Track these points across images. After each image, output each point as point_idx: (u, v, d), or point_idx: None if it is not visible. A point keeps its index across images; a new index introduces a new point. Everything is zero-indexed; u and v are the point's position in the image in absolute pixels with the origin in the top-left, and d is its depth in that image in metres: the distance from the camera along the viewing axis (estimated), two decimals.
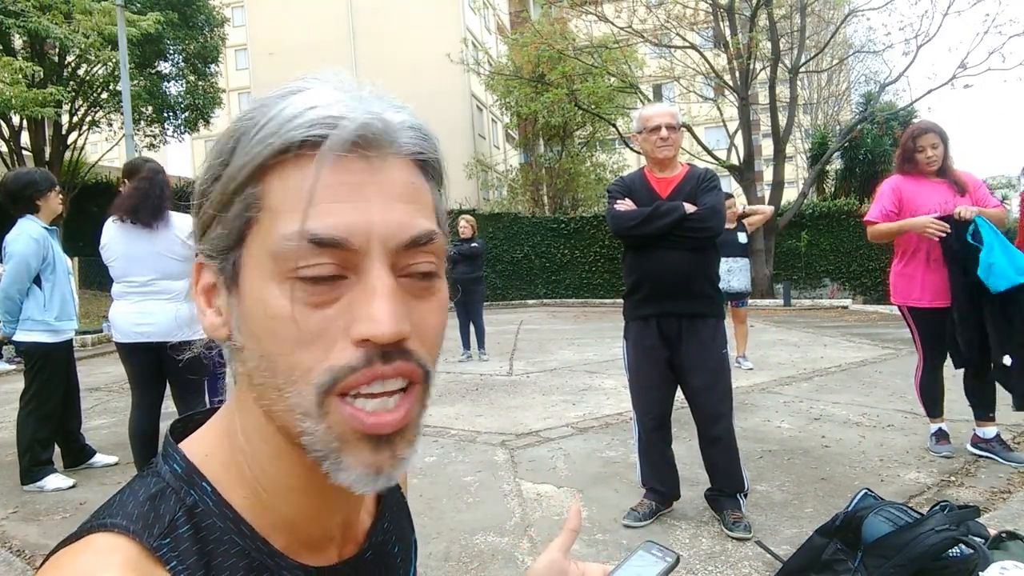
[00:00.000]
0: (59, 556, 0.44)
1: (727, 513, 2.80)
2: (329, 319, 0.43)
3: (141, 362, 3.38)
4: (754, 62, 15.36)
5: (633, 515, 2.94)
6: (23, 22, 11.14)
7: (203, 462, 0.50)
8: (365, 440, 0.45)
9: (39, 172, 3.80)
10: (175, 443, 0.52)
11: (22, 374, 3.94)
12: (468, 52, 21.79)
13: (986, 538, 1.92)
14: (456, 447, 4.19)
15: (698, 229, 2.75)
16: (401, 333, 0.43)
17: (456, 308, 7.99)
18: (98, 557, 0.43)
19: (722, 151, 18.42)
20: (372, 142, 0.44)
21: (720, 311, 2.92)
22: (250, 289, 0.45)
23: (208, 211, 0.47)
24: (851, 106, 25.69)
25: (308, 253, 0.43)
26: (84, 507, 3.35)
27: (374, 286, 0.43)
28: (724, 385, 2.86)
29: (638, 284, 2.92)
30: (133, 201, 3.27)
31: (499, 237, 18.93)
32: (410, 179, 0.47)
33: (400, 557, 0.63)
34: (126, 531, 0.44)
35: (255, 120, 0.45)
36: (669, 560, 0.64)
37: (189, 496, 0.48)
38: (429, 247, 0.46)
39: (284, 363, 0.44)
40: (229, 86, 30.28)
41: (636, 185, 2.95)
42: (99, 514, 0.47)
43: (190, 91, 16.52)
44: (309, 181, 0.43)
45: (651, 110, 2.92)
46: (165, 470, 0.50)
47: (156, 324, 3.29)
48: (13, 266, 3.58)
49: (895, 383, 5.68)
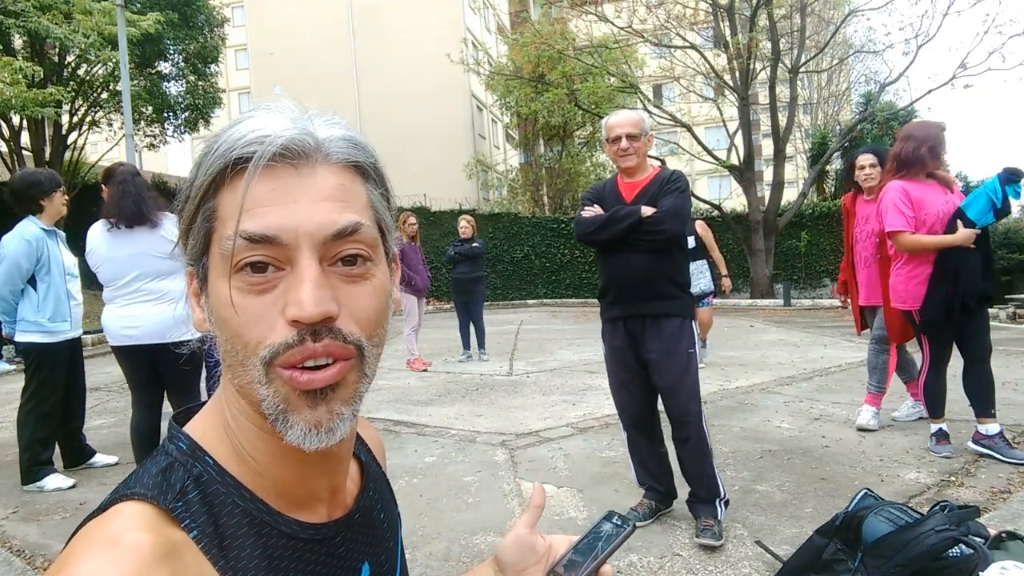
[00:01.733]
0: (88, 526, 0.50)
1: (700, 520, 2.78)
2: (268, 304, 0.52)
3: (136, 364, 3.44)
4: (754, 62, 15.35)
5: (633, 515, 2.93)
6: (23, 22, 11.12)
7: (203, 438, 0.58)
8: (303, 397, 0.52)
9: (45, 173, 3.82)
10: (178, 427, 0.59)
11: (23, 374, 3.94)
12: (468, 52, 21.76)
13: (986, 538, 1.93)
14: (456, 447, 4.19)
15: (654, 231, 2.76)
16: (325, 313, 0.51)
17: (457, 308, 7.99)
18: (123, 520, 0.50)
19: (722, 151, 18.39)
20: (299, 153, 0.52)
21: (686, 311, 2.91)
22: (213, 286, 0.54)
23: (183, 226, 0.56)
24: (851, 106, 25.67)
25: (244, 249, 0.51)
26: (84, 507, 3.35)
27: (302, 274, 0.51)
28: (689, 385, 2.85)
29: (606, 287, 2.97)
30: (113, 205, 3.34)
31: (499, 237, 18.93)
32: (339, 181, 0.54)
33: (386, 523, 0.71)
34: (145, 497, 0.51)
35: (211, 145, 0.54)
36: (626, 528, 0.70)
37: (195, 467, 0.55)
38: (356, 236, 0.54)
39: (239, 343, 0.52)
40: (229, 86, 30.32)
41: (606, 191, 2.98)
42: (118, 490, 0.53)
43: (190, 91, 16.50)
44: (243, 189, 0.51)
45: (613, 119, 2.91)
46: (172, 448, 0.57)
47: (143, 327, 3.34)
48: (5, 267, 3.60)
49: (895, 383, 5.68)
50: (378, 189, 0.58)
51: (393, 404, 5.50)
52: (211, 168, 0.53)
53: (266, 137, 0.51)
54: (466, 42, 23.86)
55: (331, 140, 0.55)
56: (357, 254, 0.54)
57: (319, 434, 0.53)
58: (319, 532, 0.60)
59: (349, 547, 0.63)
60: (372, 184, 0.58)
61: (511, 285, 19.06)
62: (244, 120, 0.54)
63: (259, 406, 0.54)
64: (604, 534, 0.70)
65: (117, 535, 0.48)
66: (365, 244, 0.54)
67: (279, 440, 0.54)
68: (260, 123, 0.53)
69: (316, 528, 0.60)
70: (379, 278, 0.56)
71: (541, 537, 0.71)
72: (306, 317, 0.50)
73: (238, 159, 0.52)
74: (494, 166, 29.61)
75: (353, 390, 0.55)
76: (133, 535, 0.48)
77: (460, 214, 8.40)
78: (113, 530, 0.49)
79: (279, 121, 0.53)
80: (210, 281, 0.55)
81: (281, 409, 0.53)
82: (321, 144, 0.54)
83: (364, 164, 0.57)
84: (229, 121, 0.56)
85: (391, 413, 5.14)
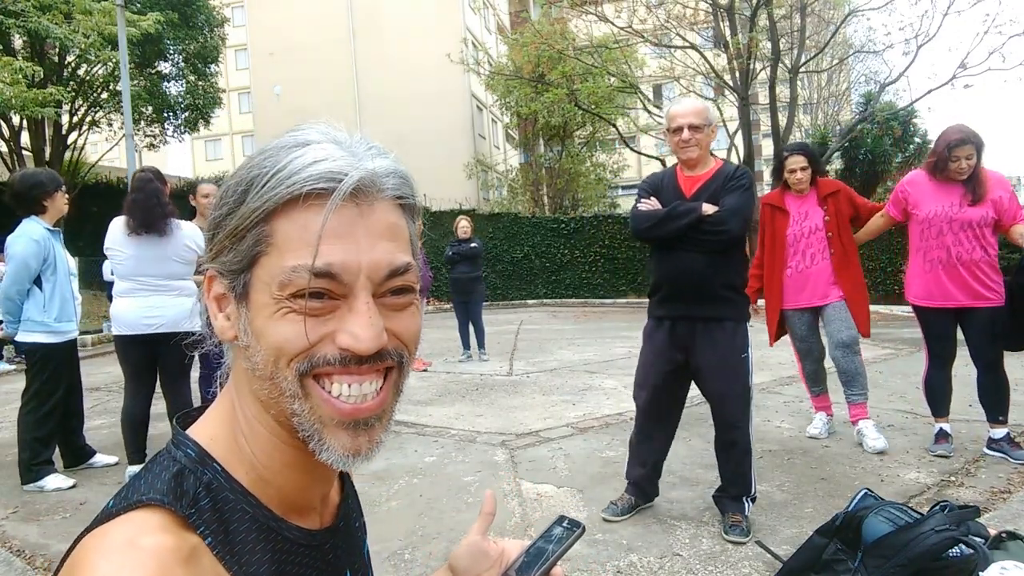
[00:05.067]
0: (103, 529, 0.51)
1: (728, 515, 2.79)
2: (319, 326, 0.54)
3: (138, 355, 3.68)
4: (754, 62, 15.33)
5: (612, 508, 2.95)
6: (23, 22, 11.12)
7: (210, 445, 0.59)
8: (343, 426, 0.55)
9: (46, 173, 3.84)
10: (183, 431, 0.61)
11: (23, 374, 3.95)
12: (468, 52, 21.75)
13: (986, 538, 1.93)
14: (456, 447, 4.19)
15: (714, 232, 2.66)
16: (379, 347, 0.55)
17: (456, 308, 7.99)
18: (142, 524, 0.51)
19: (722, 151, 18.38)
20: (362, 191, 0.55)
21: (741, 314, 2.81)
22: (259, 303, 0.56)
23: (222, 239, 0.58)
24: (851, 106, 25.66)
25: (309, 280, 0.54)
26: (84, 507, 3.36)
27: (359, 309, 0.54)
28: (741, 391, 2.77)
29: (657, 285, 2.88)
30: (132, 214, 3.57)
31: (499, 237, 18.92)
32: (392, 220, 0.57)
33: (360, 531, 0.75)
34: (161, 504, 0.52)
35: (266, 168, 0.55)
36: (576, 530, 0.72)
37: (204, 475, 0.57)
38: (406, 275, 0.57)
39: (276, 355, 0.55)
40: (229, 86, 30.29)
41: (664, 183, 2.87)
42: (126, 496, 0.54)
43: (190, 91, 16.49)
44: (316, 225, 0.53)
45: (676, 108, 2.80)
46: (180, 454, 0.58)
47: (164, 316, 3.63)
48: (13, 267, 3.62)
49: (895, 383, 5.68)
50: (415, 222, 0.62)
51: None
52: (272, 196, 0.54)
53: (339, 175, 0.53)
54: (466, 42, 23.84)
55: (384, 174, 0.57)
56: (404, 286, 0.58)
57: (357, 459, 0.56)
58: (316, 539, 0.63)
59: (336, 554, 0.66)
60: (411, 219, 0.62)
61: (511, 285, 19.05)
62: (301, 147, 0.55)
63: (288, 420, 0.56)
64: (555, 537, 0.71)
65: (136, 538, 0.49)
66: (411, 278, 0.58)
67: (295, 451, 0.58)
68: (322, 154, 0.55)
69: (313, 535, 0.63)
70: (417, 302, 0.61)
71: (493, 542, 0.74)
72: (362, 351, 0.54)
73: (308, 193, 0.54)
74: (494, 166, 29.60)
75: (391, 414, 0.59)
76: (154, 538, 0.49)
77: (460, 214, 8.38)
78: (132, 533, 0.50)
79: (342, 156, 0.55)
80: (254, 297, 0.56)
81: (316, 429, 0.56)
82: (376, 179, 0.56)
83: (409, 201, 0.61)
84: (276, 141, 0.57)
85: None
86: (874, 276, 17.27)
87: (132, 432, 3.66)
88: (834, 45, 18.93)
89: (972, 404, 4.79)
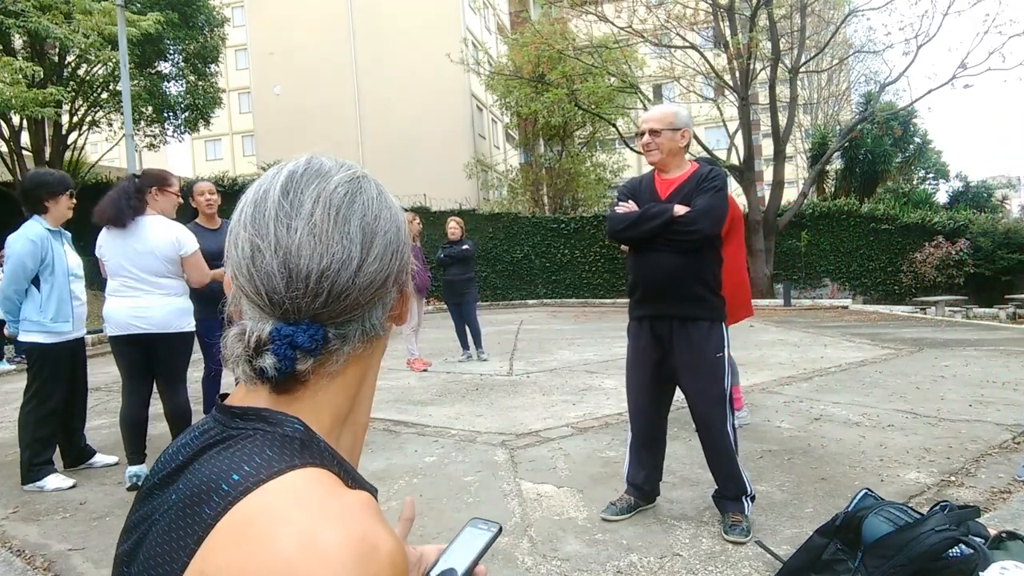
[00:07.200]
0: (266, 488, 0.52)
1: (728, 515, 2.81)
2: None
3: (133, 354, 3.62)
4: (754, 62, 15.34)
5: (611, 509, 2.97)
6: (23, 22, 11.12)
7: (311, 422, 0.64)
8: None
9: (56, 175, 3.86)
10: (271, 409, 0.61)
11: (23, 373, 3.95)
12: (468, 52, 21.74)
13: (986, 538, 1.92)
14: (456, 447, 4.19)
15: (686, 232, 2.72)
16: None
17: (450, 311, 7.98)
18: (313, 478, 0.54)
19: (722, 151, 18.39)
20: None
21: (715, 313, 2.85)
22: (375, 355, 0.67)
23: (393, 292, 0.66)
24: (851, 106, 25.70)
25: None
26: (84, 507, 3.36)
27: None
28: (717, 389, 2.81)
29: (634, 286, 2.95)
30: (104, 209, 3.56)
31: (499, 237, 18.93)
32: None
33: None
34: (316, 464, 0.56)
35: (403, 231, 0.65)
36: (493, 531, 0.73)
37: (320, 442, 0.61)
38: None
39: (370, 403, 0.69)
40: (229, 86, 30.28)
41: (642, 187, 2.94)
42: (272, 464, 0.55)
43: (190, 91, 16.48)
44: None
45: (644, 114, 2.92)
46: (289, 429, 0.59)
47: (152, 318, 3.55)
48: (10, 267, 3.64)
49: (895, 383, 5.68)
50: None
51: (393, 404, 5.49)
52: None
53: None
54: (466, 42, 23.83)
55: None
56: None
57: None
58: None
59: None
60: None
61: (511, 285, 19.05)
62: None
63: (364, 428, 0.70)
64: (472, 538, 0.72)
65: (335, 490, 0.54)
66: None
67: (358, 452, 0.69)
68: None
69: None
70: None
71: (412, 548, 0.74)
72: None
73: None
74: (494, 166, 29.59)
75: None
76: (350, 494, 0.54)
77: (460, 214, 8.37)
78: (303, 482, 0.53)
79: None
80: (375, 353, 0.66)
81: None
82: None
83: None
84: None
85: (391, 413, 5.14)
86: (874, 276, 17.28)
87: (131, 432, 3.65)
88: (834, 45, 18.94)
89: (972, 404, 4.80)
